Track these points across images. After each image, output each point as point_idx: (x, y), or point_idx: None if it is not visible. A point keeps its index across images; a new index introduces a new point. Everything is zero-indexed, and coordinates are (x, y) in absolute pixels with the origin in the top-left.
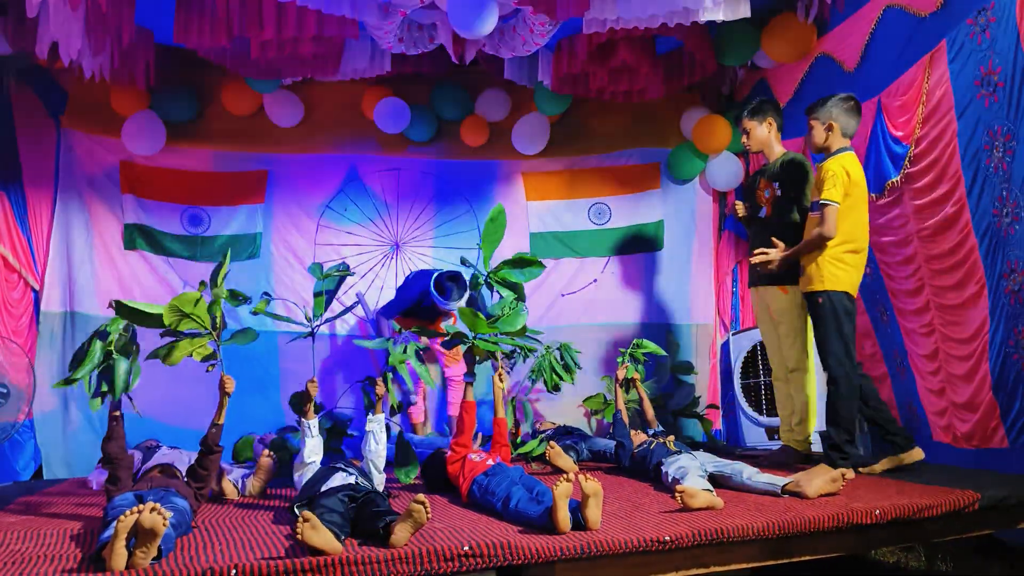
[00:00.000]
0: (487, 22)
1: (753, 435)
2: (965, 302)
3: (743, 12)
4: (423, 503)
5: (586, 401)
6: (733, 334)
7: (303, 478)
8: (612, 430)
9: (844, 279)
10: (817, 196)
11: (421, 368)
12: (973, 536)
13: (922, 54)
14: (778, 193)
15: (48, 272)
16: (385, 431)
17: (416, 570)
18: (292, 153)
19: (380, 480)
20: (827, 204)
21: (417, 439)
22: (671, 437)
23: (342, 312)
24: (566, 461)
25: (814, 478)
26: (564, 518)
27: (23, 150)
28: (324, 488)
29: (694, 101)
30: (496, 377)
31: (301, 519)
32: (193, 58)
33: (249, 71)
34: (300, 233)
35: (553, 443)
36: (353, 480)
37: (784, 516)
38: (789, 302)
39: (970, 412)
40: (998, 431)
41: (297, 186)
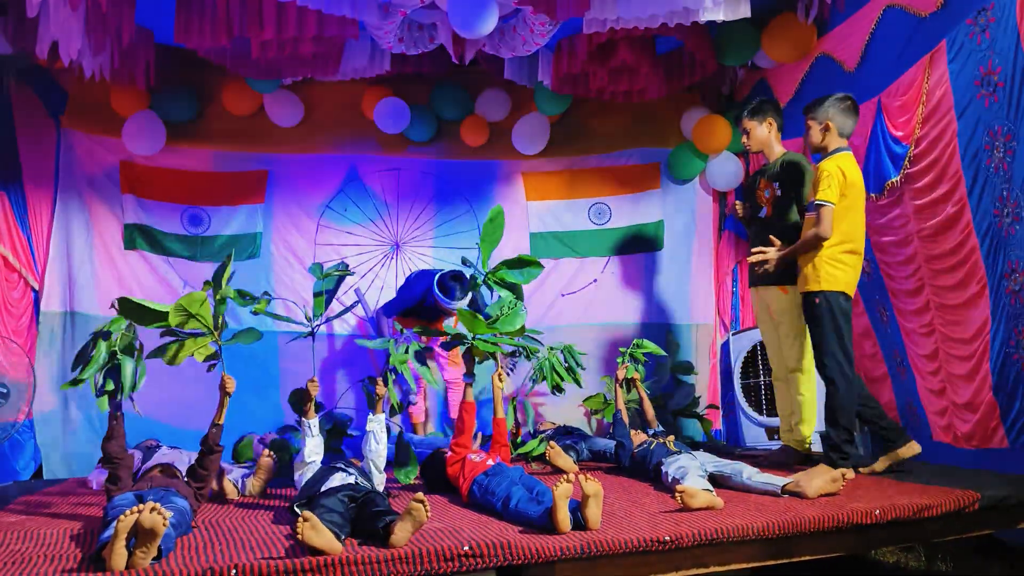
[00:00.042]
0: (487, 22)
1: (753, 435)
2: (966, 302)
3: (743, 12)
4: (422, 502)
5: (586, 401)
6: (733, 334)
7: (303, 478)
8: (612, 430)
9: (841, 279)
10: (813, 196)
11: (423, 368)
12: (973, 536)
13: (922, 54)
14: (778, 193)
15: (48, 272)
16: (385, 431)
17: (416, 570)
18: (292, 153)
19: (380, 480)
20: (823, 204)
21: (417, 439)
22: (671, 437)
23: (342, 312)
24: (566, 461)
25: (814, 478)
26: (564, 518)
27: (23, 150)
28: (324, 488)
29: (694, 101)
30: (496, 377)
31: (301, 519)
32: (193, 58)
33: (249, 71)
34: (300, 233)
35: (553, 443)
36: (353, 480)
37: (784, 516)
38: (789, 302)
39: (970, 412)
40: (998, 431)
41: (297, 186)
